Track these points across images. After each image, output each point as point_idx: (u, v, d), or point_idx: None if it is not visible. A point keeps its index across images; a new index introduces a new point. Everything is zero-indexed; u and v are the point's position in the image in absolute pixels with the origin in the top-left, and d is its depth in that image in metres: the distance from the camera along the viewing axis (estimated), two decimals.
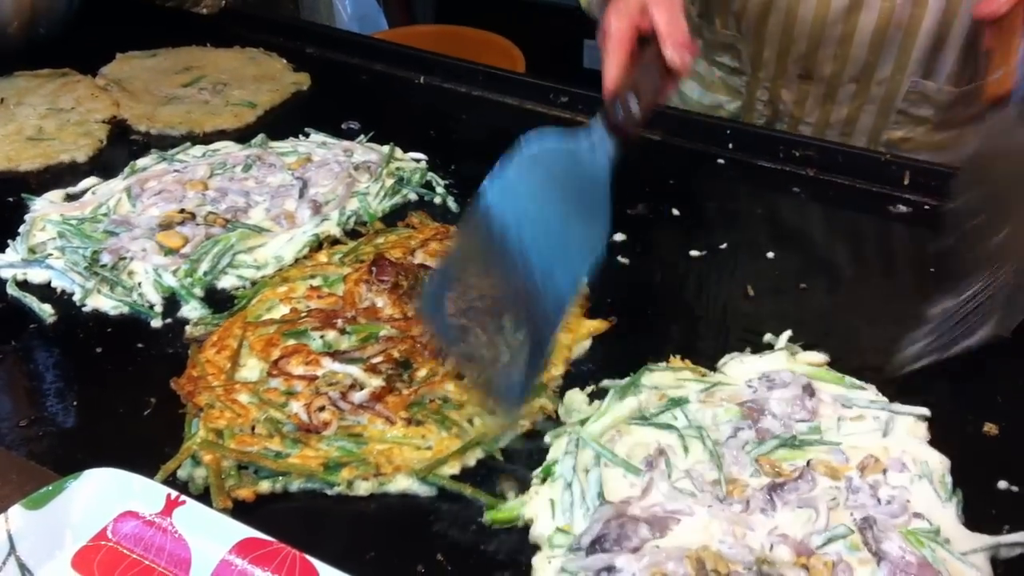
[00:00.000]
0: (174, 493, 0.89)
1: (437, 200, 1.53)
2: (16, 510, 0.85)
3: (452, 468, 1.02)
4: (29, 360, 1.20)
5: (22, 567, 0.83)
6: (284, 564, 0.81)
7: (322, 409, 1.07)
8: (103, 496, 0.89)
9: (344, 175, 1.54)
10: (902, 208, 1.49)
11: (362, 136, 1.70)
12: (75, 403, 1.11)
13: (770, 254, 1.38)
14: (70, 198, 1.51)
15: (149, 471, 0.97)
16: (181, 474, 1.00)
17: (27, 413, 1.09)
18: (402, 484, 1.00)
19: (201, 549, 0.85)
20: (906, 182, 1.51)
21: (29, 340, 1.23)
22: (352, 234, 1.44)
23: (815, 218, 1.51)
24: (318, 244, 1.40)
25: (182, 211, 1.43)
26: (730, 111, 1.79)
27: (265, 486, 0.99)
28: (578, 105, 1.78)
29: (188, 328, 1.23)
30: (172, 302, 1.29)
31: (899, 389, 1.10)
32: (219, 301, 1.29)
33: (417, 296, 1.19)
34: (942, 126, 1.64)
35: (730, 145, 1.64)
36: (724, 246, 1.40)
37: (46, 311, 1.26)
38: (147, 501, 0.88)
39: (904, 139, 1.66)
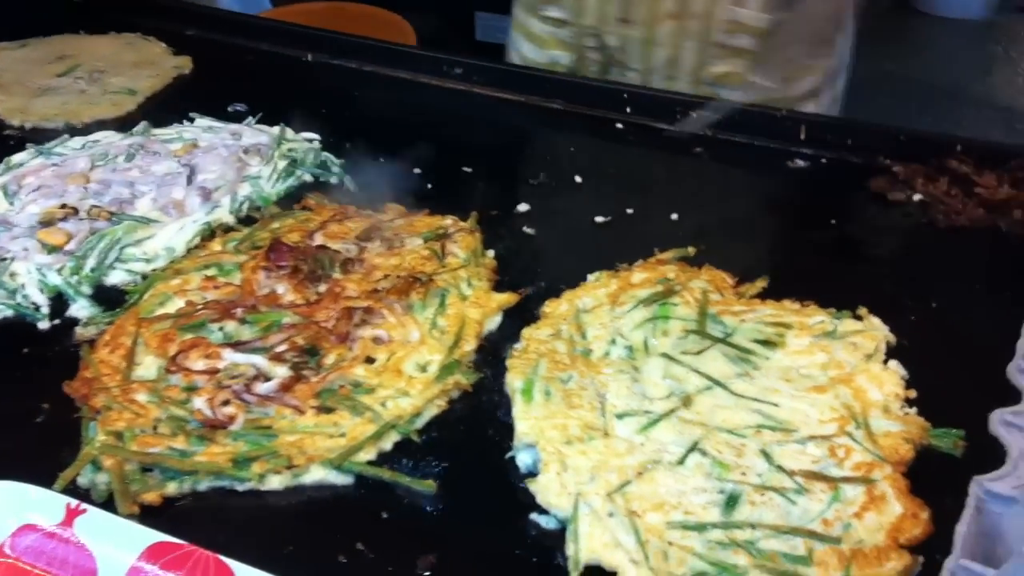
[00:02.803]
0: (74, 502, 0.83)
1: (334, 180, 1.48)
2: None
3: (368, 454, 0.99)
4: None
5: None
6: (198, 567, 0.77)
7: (226, 403, 1.03)
8: None
9: (233, 159, 1.48)
10: (800, 163, 1.50)
11: (250, 118, 1.64)
12: None
13: (674, 215, 1.38)
14: None
15: (47, 480, 0.91)
16: (82, 481, 0.94)
17: None
18: (317, 475, 0.97)
19: (107, 558, 0.80)
20: (802, 137, 1.52)
21: None
22: (247, 220, 1.38)
23: (717, 177, 1.51)
24: (211, 232, 1.35)
25: (64, 206, 1.36)
26: (565, 66, 1.80)
27: (172, 487, 0.94)
28: (473, 76, 1.75)
29: (78, 328, 1.17)
30: (60, 302, 1.22)
31: None
32: (110, 298, 1.23)
33: None
34: (763, 58, 1.65)
35: (628, 109, 1.63)
36: (630, 211, 1.39)
37: None
38: (46, 512, 0.83)
39: (727, 74, 1.68)
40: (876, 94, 1.94)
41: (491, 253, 1.29)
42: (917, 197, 1.39)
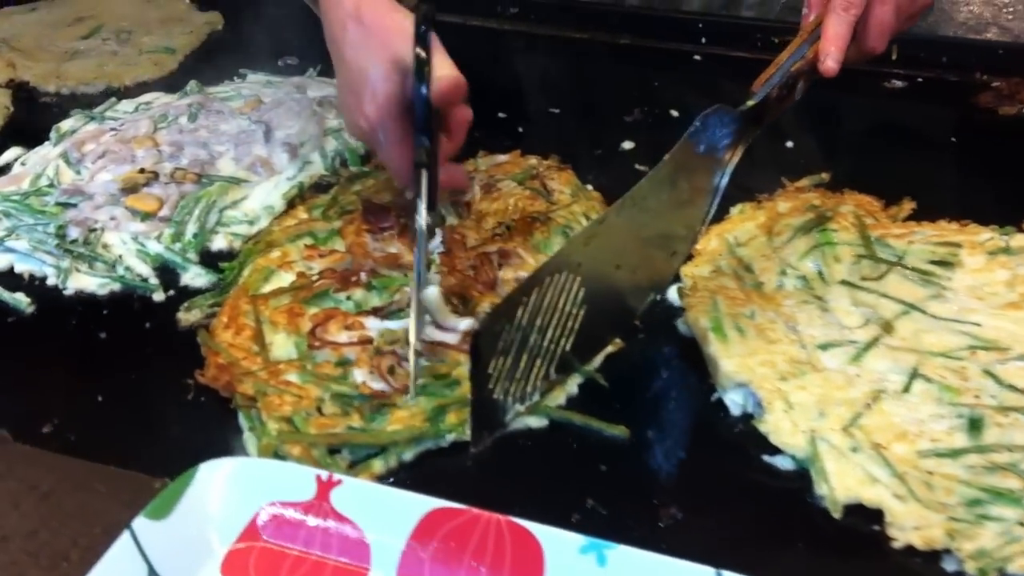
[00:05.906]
0: (324, 473, 0.74)
1: None
2: (141, 523, 0.69)
3: (557, 399, 0.93)
4: (18, 358, 1.02)
5: None
6: (489, 534, 0.69)
7: (392, 370, 0.94)
8: (237, 490, 0.73)
9: (309, 113, 1.39)
10: (897, 83, 1.46)
11: (311, 70, 1.54)
12: (100, 398, 0.95)
13: (789, 143, 1.33)
14: None
15: None
16: None
17: (47, 416, 0.91)
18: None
19: (378, 532, 0.71)
20: (894, 57, 1.47)
21: (13, 336, 1.04)
22: (315, 186, 1.27)
23: (816, 102, 1.44)
24: (299, 195, 1.25)
25: (142, 171, 1.25)
26: None
27: (378, 465, 0.85)
28: (530, 15, 1.67)
29: (180, 315, 1.05)
30: (166, 270, 1.12)
31: None
32: (217, 266, 1.13)
33: None
34: None
35: (703, 40, 1.57)
36: None
37: (22, 301, 1.07)
38: (292, 487, 0.73)
39: None
40: None
41: (588, 187, 1.24)
42: None
